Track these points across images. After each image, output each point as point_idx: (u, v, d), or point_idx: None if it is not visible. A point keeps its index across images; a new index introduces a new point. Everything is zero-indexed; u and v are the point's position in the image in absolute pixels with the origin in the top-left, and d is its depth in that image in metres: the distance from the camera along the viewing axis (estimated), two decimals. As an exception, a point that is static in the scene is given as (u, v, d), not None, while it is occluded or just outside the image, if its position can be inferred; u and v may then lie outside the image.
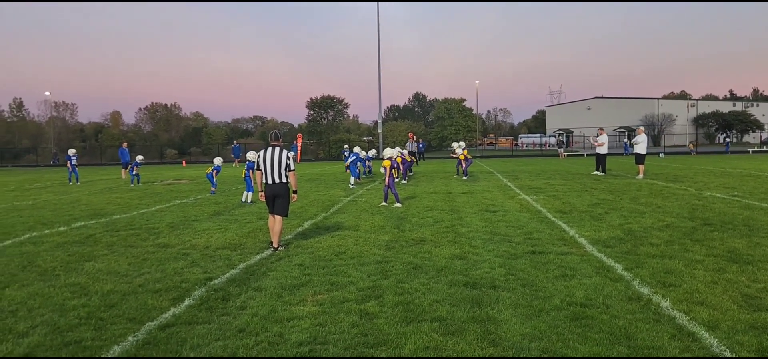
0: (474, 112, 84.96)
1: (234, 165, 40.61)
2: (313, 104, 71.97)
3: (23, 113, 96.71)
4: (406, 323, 4.82)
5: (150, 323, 4.97)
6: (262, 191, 8.38)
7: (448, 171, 26.94)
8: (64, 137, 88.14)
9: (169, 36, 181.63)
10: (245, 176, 14.61)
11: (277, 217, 8.24)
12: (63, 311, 5.39)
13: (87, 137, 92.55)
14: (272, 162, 8.20)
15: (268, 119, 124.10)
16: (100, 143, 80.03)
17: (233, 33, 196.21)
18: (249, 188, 14.49)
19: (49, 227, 11.04)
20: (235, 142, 31.21)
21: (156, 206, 14.51)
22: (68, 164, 25.23)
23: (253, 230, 10.09)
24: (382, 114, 43.89)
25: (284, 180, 8.26)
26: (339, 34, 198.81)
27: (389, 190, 13.24)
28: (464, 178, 21.50)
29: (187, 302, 5.60)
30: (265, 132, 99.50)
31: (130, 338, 4.60)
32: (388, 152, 13.87)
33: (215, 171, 17.49)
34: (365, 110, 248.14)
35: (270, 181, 8.24)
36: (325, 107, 72.17)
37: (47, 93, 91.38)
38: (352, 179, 19.88)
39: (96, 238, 9.58)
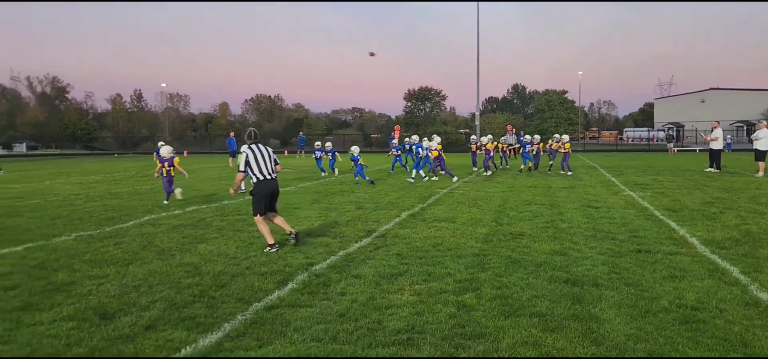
0: (576, 104, 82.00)
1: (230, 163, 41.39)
2: (410, 96, 72.29)
3: (142, 103, 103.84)
4: (504, 317, 4.78)
5: (257, 304, 5.24)
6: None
7: (546, 165, 26.16)
8: (178, 127, 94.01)
9: (273, 32, 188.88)
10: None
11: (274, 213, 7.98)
12: (179, 288, 5.81)
13: (198, 126, 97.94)
14: (264, 158, 7.79)
15: (366, 110, 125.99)
16: (210, 133, 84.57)
17: (334, 27, 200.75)
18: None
19: (165, 210, 11.87)
20: (231, 134, 29.84)
21: (260, 193, 15.14)
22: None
23: (352, 218, 10.33)
24: (480, 106, 43.32)
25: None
26: (438, 26, 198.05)
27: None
28: (564, 172, 20.82)
29: (290, 285, 5.85)
30: (362, 124, 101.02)
31: (239, 317, 4.88)
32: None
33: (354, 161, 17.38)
34: (462, 101, 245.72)
35: (268, 176, 7.81)
36: (422, 98, 72.22)
37: (163, 85, 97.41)
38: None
39: (207, 222, 10.19)
